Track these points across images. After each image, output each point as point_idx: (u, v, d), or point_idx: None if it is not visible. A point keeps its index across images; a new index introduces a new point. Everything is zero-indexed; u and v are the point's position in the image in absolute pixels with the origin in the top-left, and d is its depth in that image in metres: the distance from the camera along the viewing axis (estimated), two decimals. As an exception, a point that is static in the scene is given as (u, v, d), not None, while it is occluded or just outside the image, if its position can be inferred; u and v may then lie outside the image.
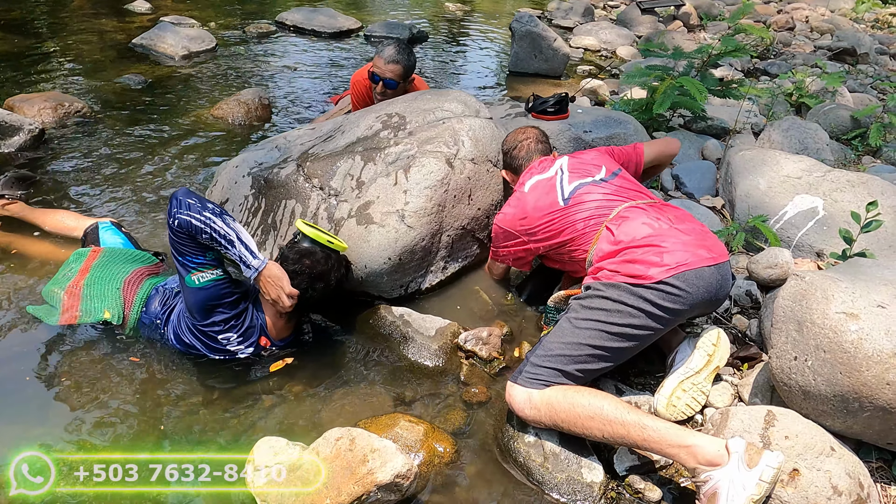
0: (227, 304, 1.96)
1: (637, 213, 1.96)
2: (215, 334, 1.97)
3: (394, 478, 1.49)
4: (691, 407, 1.88)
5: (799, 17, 7.57)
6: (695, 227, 1.94)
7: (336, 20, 6.00)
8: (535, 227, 2.14)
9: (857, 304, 1.59)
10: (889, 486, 1.68)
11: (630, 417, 1.63)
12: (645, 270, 1.78)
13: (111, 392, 1.92)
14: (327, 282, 2.02)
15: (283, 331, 2.07)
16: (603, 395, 1.72)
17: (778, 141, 3.42)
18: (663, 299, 1.76)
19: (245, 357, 2.04)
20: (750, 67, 5.66)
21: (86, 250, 2.30)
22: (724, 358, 1.93)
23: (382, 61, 3.06)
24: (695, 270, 1.79)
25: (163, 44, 4.93)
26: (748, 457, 1.50)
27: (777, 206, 2.66)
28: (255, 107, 3.93)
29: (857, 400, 1.55)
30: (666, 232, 1.87)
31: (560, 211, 2.09)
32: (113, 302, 2.09)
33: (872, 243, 2.39)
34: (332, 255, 2.03)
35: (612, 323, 1.77)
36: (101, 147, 3.38)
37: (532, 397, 1.75)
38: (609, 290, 1.81)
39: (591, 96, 4.52)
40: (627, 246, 1.87)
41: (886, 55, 6.39)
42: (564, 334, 1.80)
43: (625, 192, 2.09)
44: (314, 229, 2.02)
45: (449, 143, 2.43)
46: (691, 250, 1.82)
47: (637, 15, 7.07)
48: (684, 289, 1.77)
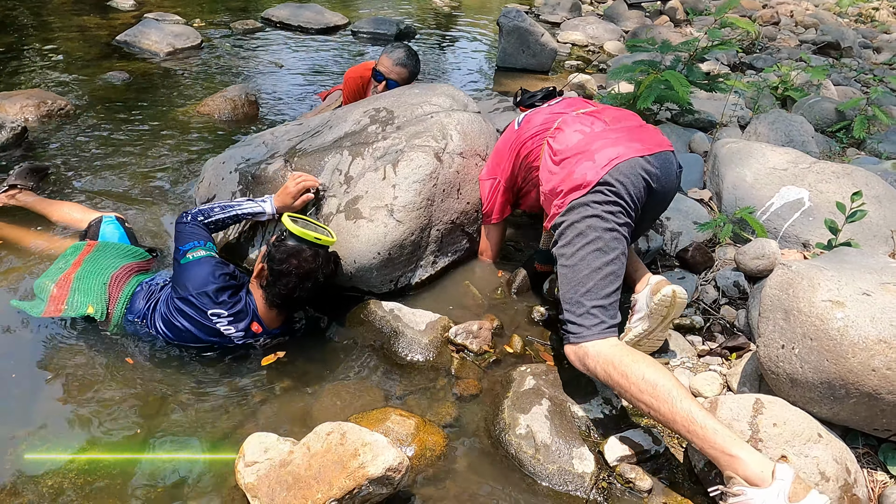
0: (219, 276, 1.98)
1: (571, 122, 2.04)
2: (205, 308, 1.95)
3: (385, 471, 1.49)
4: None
5: (784, 11, 7.63)
6: (630, 124, 2.01)
7: (323, 16, 5.96)
8: (500, 160, 2.31)
9: (843, 292, 1.61)
10: (875, 471, 1.70)
11: (681, 406, 1.56)
12: (582, 178, 1.86)
13: (99, 390, 1.90)
14: (315, 279, 2.01)
15: (274, 320, 2.06)
16: (660, 370, 1.65)
17: (764, 133, 3.45)
18: (612, 194, 1.82)
19: (238, 343, 2.02)
20: (736, 61, 5.70)
21: (82, 244, 2.29)
22: (679, 311, 2.01)
23: (391, 62, 3.10)
24: (627, 162, 1.84)
25: (147, 40, 4.88)
26: (793, 490, 1.40)
27: (764, 197, 2.68)
28: (241, 103, 3.90)
29: (843, 387, 1.57)
30: (597, 135, 1.95)
31: (514, 134, 2.27)
32: (97, 297, 2.07)
33: (857, 233, 2.41)
34: (321, 252, 2.02)
35: (594, 239, 1.82)
36: (86, 145, 3.34)
37: (587, 355, 1.75)
38: (569, 215, 1.87)
39: (578, 91, 4.53)
40: (564, 158, 1.95)
41: (869, 49, 6.47)
42: (571, 280, 1.83)
43: (567, 107, 2.21)
44: (300, 225, 2.01)
45: (437, 137, 2.43)
46: (623, 144, 1.89)
47: (624, 10, 7.09)
48: (622, 181, 1.83)
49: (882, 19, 7.87)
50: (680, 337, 2.21)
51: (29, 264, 2.37)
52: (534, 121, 2.23)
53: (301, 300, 2.05)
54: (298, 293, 1.99)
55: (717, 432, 1.51)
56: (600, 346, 1.75)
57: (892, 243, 2.47)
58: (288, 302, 2.01)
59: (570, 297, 1.83)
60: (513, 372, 2.02)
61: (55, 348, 2.05)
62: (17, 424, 1.77)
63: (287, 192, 2.25)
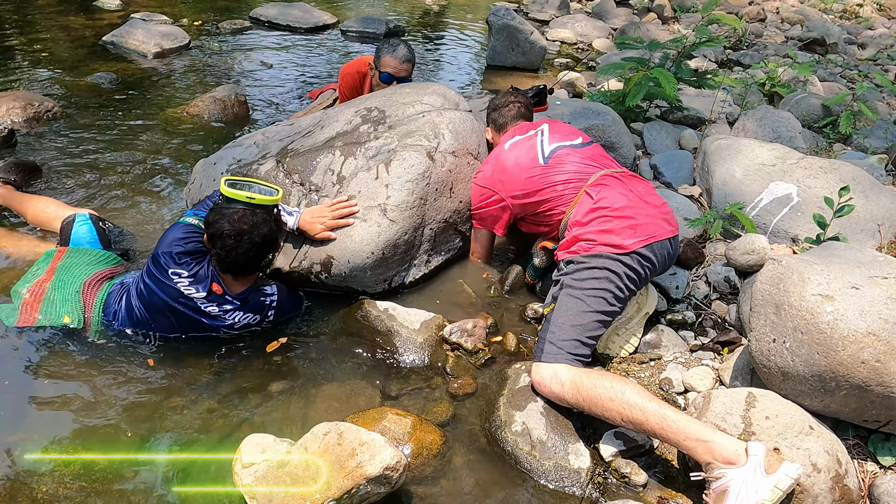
0: (188, 242, 2.01)
1: (614, 183, 2.14)
2: (166, 267, 1.98)
3: (383, 470, 1.49)
4: (625, 349, 2.13)
5: (770, 8, 7.69)
6: (659, 200, 2.18)
7: (312, 15, 5.93)
8: (514, 183, 2.26)
9: (832, 286, 1.64)
10: (865, 462, 1.73)
11: (650, 406, 1.66)
12: (621, 241, 1.99)
13: (94, 394, 1.89)
14: (253, 240, 1.94)
15: (232, 285, 2.04)
16: (627, 381, 1.80)
17: (752, 129, 3.48)
18: (638, 265, 1.98)
19: (207, 311, 2.00)
20: (724, 58, 5.74)
21: (54, 251, 2.28)
22: (652, 305, 2.18)
23: (397, 62, 3.14)
24: (659, 241, 2.04)
25: (134, 41, 4.83)
26: (767, 462, 1.50)
27: (753, 193, 2.70)
28: (231, 103, 3.88)
29: (833, 379, 1.59)
30: (638, 204, 2.08)
31: (540, 169, 2.23)
32: (73, 306, 2.07)
33: (845, 227, 2.45)
34: (257, 213, 1.95)
35: (604, 288, 1.95)
36: (74, 147, 3.31)
37: (558, 373, 1.83)
38: (592, 260, 1.99)
39: (568, 88, 4.55)
40: (604, 215, 2.04)
41: (854, 45, 6.53)
42: (570, 309, 1.94)
43: (600, 160, 2.27)
44: (238, 187, 1.96)
45: (429, 136, 2.43)
46: (657, 223, 2.06)
47: (612, 7, 7.12)
48: (651, 257, 2.01)
49: (866, 15, 7.96)
50: (672, 332, 2.23)
51: (4, 270, 2.34)
52: (567, 164, 2.21)
53: (250, 263, 1.99)
54: (238, 255, 1.94)
55: (689, 423, 1.62)
56: (571, 368, 1.85)
57: (879, 237, 2.50)
58: (232, 265, 1.96)
59: (561, 321, 1.93)
60: (508, 369, 2.03)
61: (42, 354, 2.03)
62: (6, 431, 1.76)
63: (321, 217, 2.25)
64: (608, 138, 3.02)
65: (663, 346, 2.17)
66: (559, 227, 2.20)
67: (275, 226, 2.04)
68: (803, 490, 1.55)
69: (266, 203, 1.98)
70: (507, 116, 2.51)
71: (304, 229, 2.25)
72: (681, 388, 2.02)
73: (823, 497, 1.56)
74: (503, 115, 2.52)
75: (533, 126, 2.40)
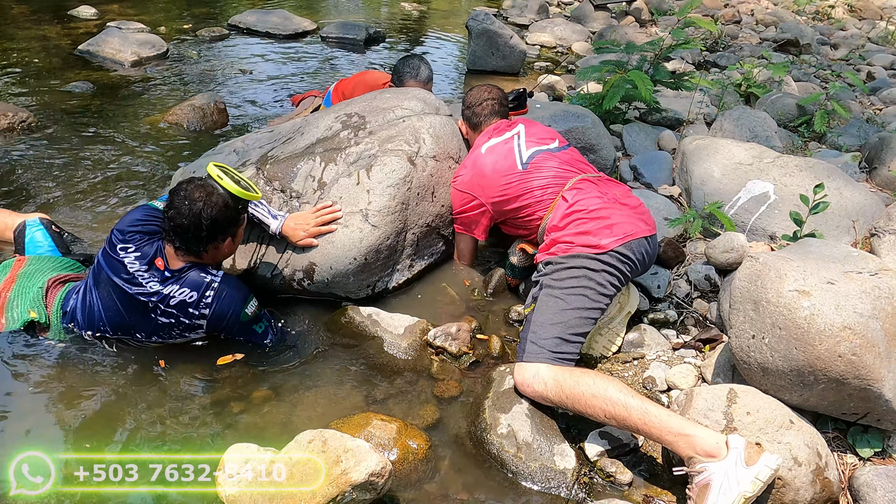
0: (144, 223, 2.02)
1: (589, 187, 2.17)
2: (116, 242, 1.99)
3: (368, 476, 1.48)
4: (608, 348, 2.14)
5: (745, 10, 7.82)
6: (635, 202, 2.21)
7: (291, 22, 5.91)
8: (493, 188, 2.28)
9: (809, 281, 1.66)
10: (845, 454, 1.75)
11: (633, 402, 1.68)
12: (598, 241, 2.01)
13: (67, 404, 1.86)
14: (203, 210, 1.90)
15: (174, 258, 2.00)
16: (609, 378, 1.81)
17: (729, 130, 3.53)
18: (617, 261, 2.00)
19: (149, 290, 1.96)
20: (700, 60, 5.82)
21: (12, 260, 2.24)
22: (634, 305, 2.21)
23: (421, 84, 3.17)
24: (637, 240, 2.05)
25: (111, 49, 4.78)
26: (747, 454, 1.53)
27: (731, 191, 2.74)
28: (210, 111, 3.85)
29: (811, 373, 1.62)
30: (613, 206, 2.11)
31: (519, 175, 2.25)
32: (36, 302, 2.06)
33: (821, 224, 2.49)
34: (222, 194, 1.93)
35: (584, 286, 1.97)
36: (51, 157, 3.26)
37: (540, 372, 1.84)
38: (570, 260, 2.01)
39: (548, 91, 4.58)
40: (580, 217, 2.07)
41: (827, 45, 6.66)
42: (549, 308, 1.96)
43: (576, 164, 2.30)
44: (220, 171, 1.96)
45: (410, 141, 2.43)
46: (633, 222, 2.08)
47: (590, 11, 7.19)
48: (629, 255, 2.03)
49: (838, 16, 8.12)
50: (655, 331, 2.24)
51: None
52: (545, 170, 2.24)
53: (194, 237, 1.94)
54: (183, 218, 1.90)
55: (671, 418, 1.65)
56: (553, 367, 1.86)
57: (853, 233, 2.55)
58: (175, 229, 1.93)
59: (541, 321, 1.94)
60: (492, 372, 2.04)
61: (7, 362, 1.99)
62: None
63: (304, 223, 2.24)
64: (588, 141, 3.04)
65: (646, 344, 2.19)
66: (538, 231, 2.22)
67: (234, 216, 1.99)
68: (785, 483, 1.57)
69: (236, 193, 1.95)
70: (482, 115, 2.50)
71: (287, 235, 2.24)
72: (664, 387, 2.04)
73: (805, 490, 1.58)
74: (477, 113, 2.51)
75: (508, 127, 2.41)
